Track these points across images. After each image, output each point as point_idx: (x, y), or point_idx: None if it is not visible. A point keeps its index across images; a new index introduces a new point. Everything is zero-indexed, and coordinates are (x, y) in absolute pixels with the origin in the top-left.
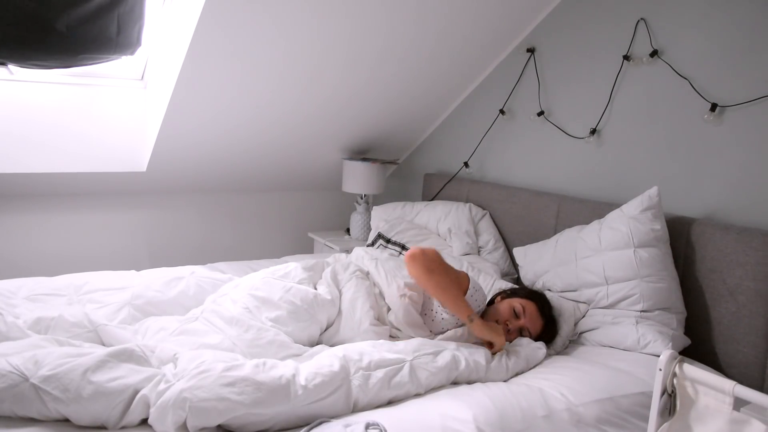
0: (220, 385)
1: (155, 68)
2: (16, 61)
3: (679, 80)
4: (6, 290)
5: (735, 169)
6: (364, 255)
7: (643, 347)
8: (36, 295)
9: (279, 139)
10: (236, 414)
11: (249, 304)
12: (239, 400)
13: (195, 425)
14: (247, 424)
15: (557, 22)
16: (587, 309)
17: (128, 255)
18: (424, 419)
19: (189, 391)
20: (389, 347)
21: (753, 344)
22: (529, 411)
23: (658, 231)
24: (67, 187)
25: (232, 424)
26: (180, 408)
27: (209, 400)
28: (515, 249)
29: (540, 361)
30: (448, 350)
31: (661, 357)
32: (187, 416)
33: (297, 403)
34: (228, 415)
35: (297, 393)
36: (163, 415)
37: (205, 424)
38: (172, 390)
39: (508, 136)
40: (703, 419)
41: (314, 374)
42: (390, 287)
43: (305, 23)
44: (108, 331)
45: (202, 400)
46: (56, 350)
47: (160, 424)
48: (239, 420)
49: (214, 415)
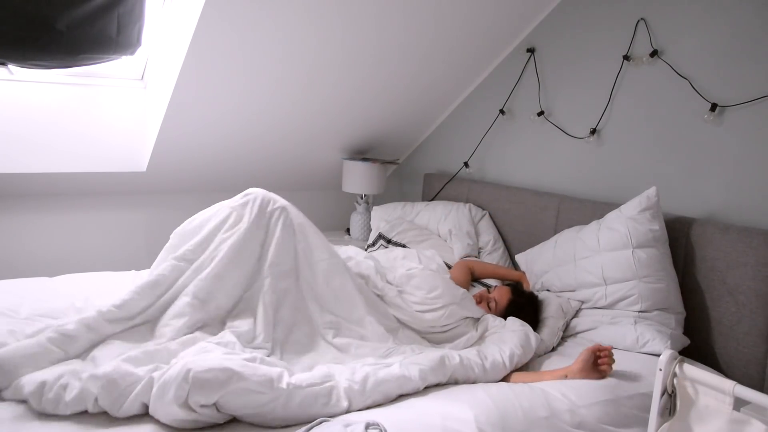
0: (221, 358)
1: (155, 68)
2: (16, 61)
3: (679, 80)
4: (8, 309)
5: (735, 169)
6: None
7: (642, 346)
8: (37, 315)
9: (279, 139)
10: (237, 386)
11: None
12: (241, 372)
13: (197, 399)
14: (247, 406)
15: (557, 22)
16: (579, 305)
17: (128, 255)
18: (424, 419)
19: (192, 363)
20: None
21: (753, 344)
22: (531, 412)
23: (657, 231)
24: (67, 187)
25: (231, 405)
26: (183, 380)
27: (212, 370)
28: (517, 256)
29: (537, 347)
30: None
31: (662, 357)
32: (190, 388)
33: (291, 392)
34: (230, 385)
35: (290, 381)
36: (166, 390)
37: (206, 397)
38: (175, 367)
39: (508, 136)
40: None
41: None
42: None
43: (305, 22)
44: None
45: (205, 370)
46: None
47: (160, 403)
48: (239, 400)
49: (216, 386)
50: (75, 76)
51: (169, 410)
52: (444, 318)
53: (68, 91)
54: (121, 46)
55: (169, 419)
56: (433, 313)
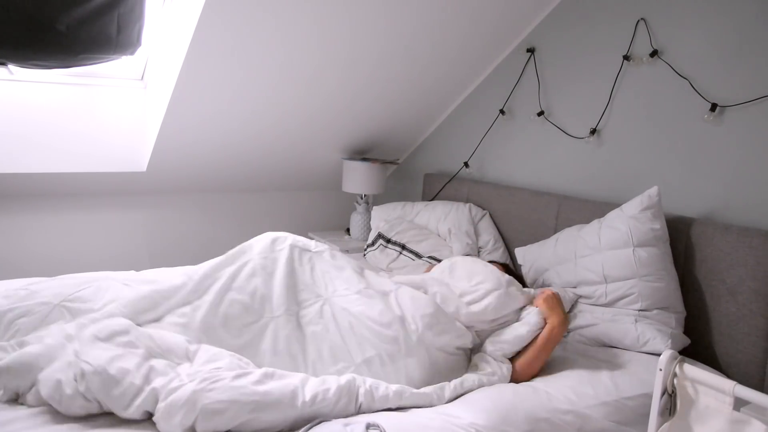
0: (232, 387)
1: (155, 68)
2: (16, 61)
3: (679, 80)
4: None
5: (735, 169)
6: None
7: (643, 345)
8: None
9: (279, 138)
10: (248, 418)
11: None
12: (250, 403)
13: (204, 428)
14: (256, 430)
15: (557, 22)
16: (577, 297)
17: (128, 255)
18: (424, 420)
19: (201, 393)
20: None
21: (753, 344)
22: (532, 413)
23: (658, 230)
24: (67, 187)
25: (238, 427)
26: (191, 410)
27: (222, 402)
28: (516, 249)
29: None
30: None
31: (662, 357)
32: (198, 417)
33: (304, 410)
34: (239, 419)
35: (305, 400)
36: (172, 414)
37: (215, 428)
38: (183, 390)
39: (508, 136)
40: (704, 419)
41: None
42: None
43: (305, 23)
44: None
45: (215, 402)
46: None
47: (166, 424)
48: (247, 425)
49: (226, 418)
50: (75, 76)
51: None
52: (491, 310)
53: (68, 91)
54: (121, 46)
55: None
56: (478, 304)
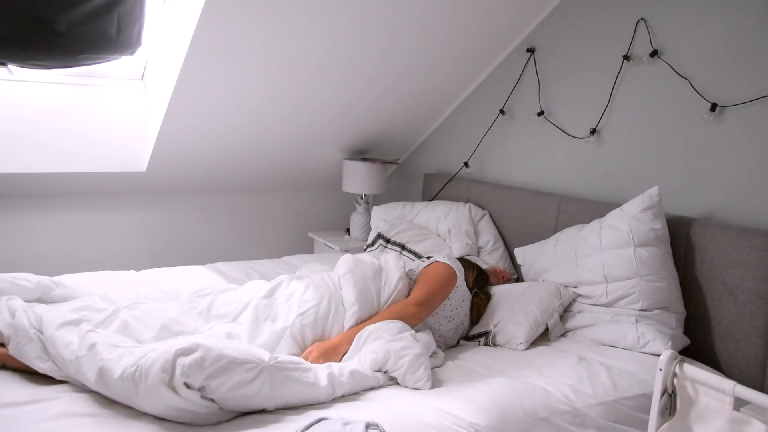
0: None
1: (155, 68)
2: (16, 61)
3: (679, 80)
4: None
5: (735, 169)
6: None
7: (643, 346)
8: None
9: (279, 139)
10: (226, 360)
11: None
12: (228, 351)
13: (185, 371)
14: (236, 384)
15: (557, 22)
16: (575, 296)
17: (128, 255)
18: (423, 418)
19: (179, 344)
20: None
21: (753, 344)
22: (531, 412)
23: (659, 230)
24: (67, 187)
25: (217, 382)
26: (167, 353)
27: (201, 346)
28: (516, 249)
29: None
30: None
31: (662, 357)
32: (177, 360)
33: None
34: (219, 362)
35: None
36: (150, 365)
37: (195, 372)
38: (158, 349)
39: (508, 136)
40: (704, 419)
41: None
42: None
43: (305, 23)
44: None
45: (193, 346)
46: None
47: (144, 377)
48: (226, 376)
49: (209, 362)
50: (75, 76)
51: (156, 394)
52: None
53: (68, 91)
54: (121, 46)
55: (158, 406)
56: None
